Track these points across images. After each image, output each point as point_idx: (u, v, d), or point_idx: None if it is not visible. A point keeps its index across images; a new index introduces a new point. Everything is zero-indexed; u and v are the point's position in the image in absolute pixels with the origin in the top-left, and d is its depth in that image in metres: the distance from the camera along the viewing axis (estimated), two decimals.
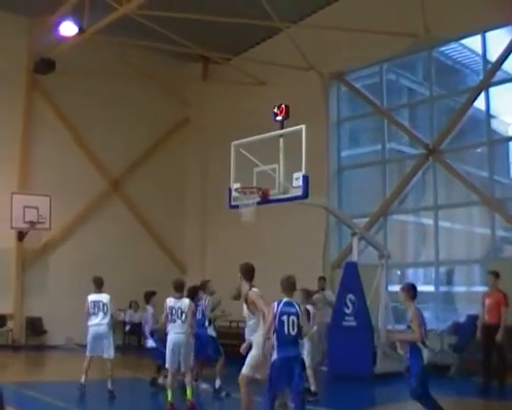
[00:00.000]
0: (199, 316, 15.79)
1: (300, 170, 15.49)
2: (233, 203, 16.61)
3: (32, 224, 24.82)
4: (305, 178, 15.35)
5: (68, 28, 23.71)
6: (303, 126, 15.58)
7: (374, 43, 22.53)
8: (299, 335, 9.97)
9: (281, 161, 15.87)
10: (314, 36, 23.89)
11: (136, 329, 25.65)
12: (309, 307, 14.10)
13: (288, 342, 9.87)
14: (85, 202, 27.14)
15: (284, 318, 9.86)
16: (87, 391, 15.02)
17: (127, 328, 26.56)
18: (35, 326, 25.62)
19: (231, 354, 14.21)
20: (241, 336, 11.87)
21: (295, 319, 9.88)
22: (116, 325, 26.10)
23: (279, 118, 15.94)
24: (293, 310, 9.93)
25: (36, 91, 26.61)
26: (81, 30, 23.23)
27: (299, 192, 15.51)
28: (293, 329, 9.85)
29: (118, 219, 27.70)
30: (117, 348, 25.41)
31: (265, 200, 15.98)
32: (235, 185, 16.47)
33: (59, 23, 23.86)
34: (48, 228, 25.26)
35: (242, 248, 24.74)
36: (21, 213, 24.66)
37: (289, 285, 10.24)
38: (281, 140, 15.94)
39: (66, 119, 26.99)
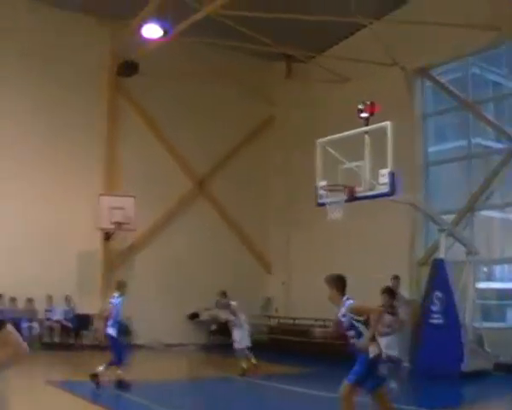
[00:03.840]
0: None
1: (386, 167, 15.34)
2: (320, 201, 16.55)
3: (119, 224, 25.04)
4: (392, 175, 15.22)
5: (151, 30, 23.91)
6: (388, 123, 15.44)
7: (458, 38, 22.06)
8: None
9: (366, 158, 15.74)
10: (397, 31, 23.55)
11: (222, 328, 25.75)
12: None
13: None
14: (170, 203, 27.33)
15: None
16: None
17: (213, 327, 26.58)
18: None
19: None
20: None
21: None
22: (202, 324, 26.52)
23: (364, 114, 15.80)
24: None
25: (120, 94, 26.94)
26: (164, 32, 23.43)
27: (385, 189, 15.38)
28: None
29: (203, 219, 27.84)
30: (202, 347, 25.79)
31: (352, 197, 15.86)
32: (322, 183, 16.39)
33: (142, 26, 24.06)
34: (134, 229, 25.47)
35: (327, 246, 24.68)
36: (108, 214, 24.91)
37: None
38: (366, 137, 15.79)
39: (151, 120, 27.24)
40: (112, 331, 15.70)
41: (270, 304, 28.29)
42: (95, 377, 15.43)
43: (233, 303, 18.94)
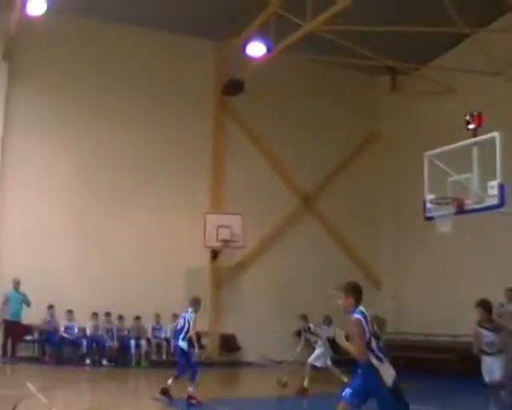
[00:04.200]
0: None
1: (495, 178, 15.01)
2: (428, 215, 16.30)
3: (226, 242, 25.21)
4: (501, 187, 14.85)
5: (256, 49, 24.11)
6: (497, 134, 15.10)
7: None
8: None
9: (475, 170, 15.44)
10: (503, 39, 23.06)
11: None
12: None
13: None
14: (277, 220, 27.34)
15: None
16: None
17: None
18: (229, 343, 26.05)
19: None
20: None
21: None
22: (308, 340, 26.35)
23: (471, 126, 15.53)
24: None
25: (225, 112, 27.24)
26: (268, 50, 23.56)
27: (495, 201, 15.02)
28: None
29: (309, 235, 27.75)
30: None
31: (461, 210, 15.57)
32: (430, 196, 16.15)
33: (245, 44, 24.29)
34: (241, 246, 25.59)
35: (438, 259, 24.25)
36: (214, 232, 25.10)
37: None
38: (474, 148, 15.50)
39: (256, 137, 27.40)
40: (183, 344, 15.72)
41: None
42: (191, 398, 15.42)
43: (311, 326, 19.61)
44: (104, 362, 23.58)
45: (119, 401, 15.89)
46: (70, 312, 23.87)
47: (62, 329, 23.74)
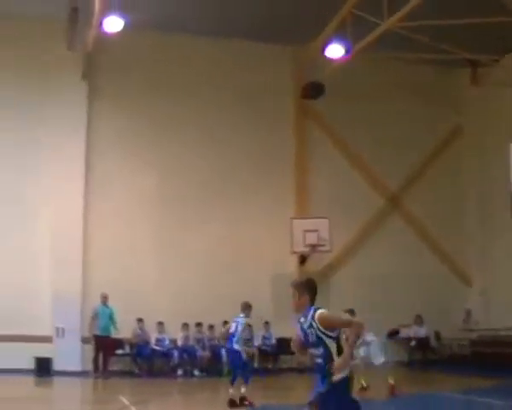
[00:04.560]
0: None
1: None
2: None
3: (313, 247, 25.06)
4: None
5: (334, 50, 23.90)
6: None
7: None
8: None
9: None
10: None
11: (421, 343, 25.60)
12: None
13: None
14: (363, 222, 27.10)
15: None
16: None
17: (413, 343, 26.14)
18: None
19: None
20: None
21: None
22: (402, 340, 26.09)
23: None
24: None
25: (305, 116, 27.13)
26: (347, 51, 23.33)
27: None
28: None
29: (397, 235, 27.42)
30: (402, 364, 25.34)
31: None
32: None
33: (323, 47, 24.15)
34: (329, 250, 25.40)
35: None
36: (301, 237, 25.01)
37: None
38: None
39: (339, 140, 27.19)
40: (238, 347, 16.13)
41: (470, 317, 27.37)
42: (243, 399, 15.74)
43: None
44: (196, 372, 23.71)
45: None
46: (160, 324, 24.10)
47: (153, 341, 23.94)
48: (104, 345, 22.70)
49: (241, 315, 16.40)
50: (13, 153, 24.02)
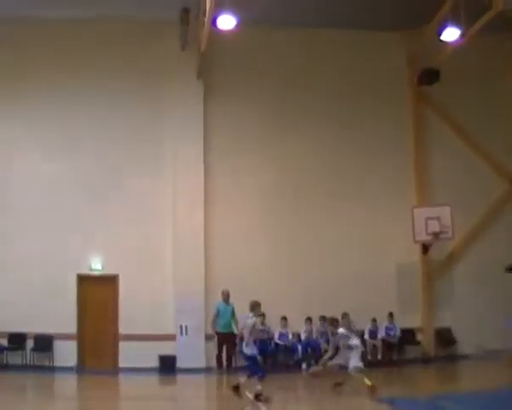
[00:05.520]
0: None
1: None
2: None
3: (436, 235, 24.70)
4: None
5: (449, 34, 23.38)
6: None
7: None
8: None
9: None
10: None
11: None
12: None
13: None
14: (486, 207, 26.39)
15: None
16: None
17: None
18: (444, 337, 25.45)
19: None
20: None
21: None
22: None
23: None
24: None
25: (422, 103, 26.73)
26: (461, 34, 22.83)
27: None
28: None
29: None
30: None
31: None
32: None
33: (437, 31, 23.66)
34: (450, 237, 24.94)
35: None
36: (423, 225, 24.73)
37: None
38: None
39: (456, 125, 26.60)
40: (246, 350, 16.22)
41: None
42: (258, 396, 15.68)
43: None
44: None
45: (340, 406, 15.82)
46: (284, 319, 24.21)
47: (277, 336, 24.03)
48: (227, 342, 22.89)
49: (250, 315, 16.27)
50: (136, 155, 24.90)
